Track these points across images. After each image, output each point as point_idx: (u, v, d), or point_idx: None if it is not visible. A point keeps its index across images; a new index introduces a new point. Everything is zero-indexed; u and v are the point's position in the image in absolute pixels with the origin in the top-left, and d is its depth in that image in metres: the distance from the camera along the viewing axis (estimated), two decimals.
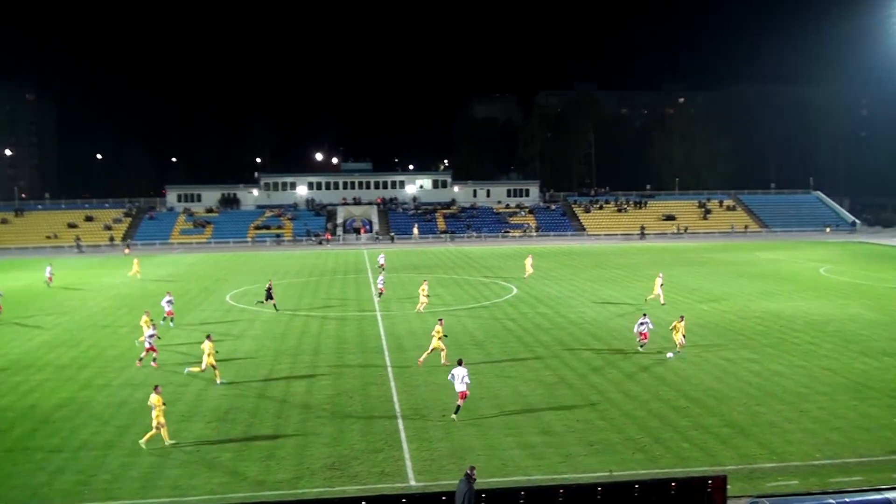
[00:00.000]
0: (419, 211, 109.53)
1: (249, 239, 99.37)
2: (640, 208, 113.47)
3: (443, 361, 31.36)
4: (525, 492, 17.59)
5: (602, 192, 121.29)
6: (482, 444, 22.77)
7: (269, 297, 45.44)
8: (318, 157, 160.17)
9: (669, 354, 33.08)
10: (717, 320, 41.63)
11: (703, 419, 25.05)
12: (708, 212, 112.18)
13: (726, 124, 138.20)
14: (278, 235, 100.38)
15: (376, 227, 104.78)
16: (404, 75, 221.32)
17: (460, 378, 24.91)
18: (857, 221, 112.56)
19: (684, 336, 34.02)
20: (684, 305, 46.24)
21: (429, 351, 31.85)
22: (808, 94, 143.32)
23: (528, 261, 60.89)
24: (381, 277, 51.37)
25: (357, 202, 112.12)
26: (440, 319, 33.98)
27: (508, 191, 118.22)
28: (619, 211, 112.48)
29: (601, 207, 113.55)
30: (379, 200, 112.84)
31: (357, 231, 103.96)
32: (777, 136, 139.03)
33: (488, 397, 27.42)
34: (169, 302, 41.54)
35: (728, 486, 18.18)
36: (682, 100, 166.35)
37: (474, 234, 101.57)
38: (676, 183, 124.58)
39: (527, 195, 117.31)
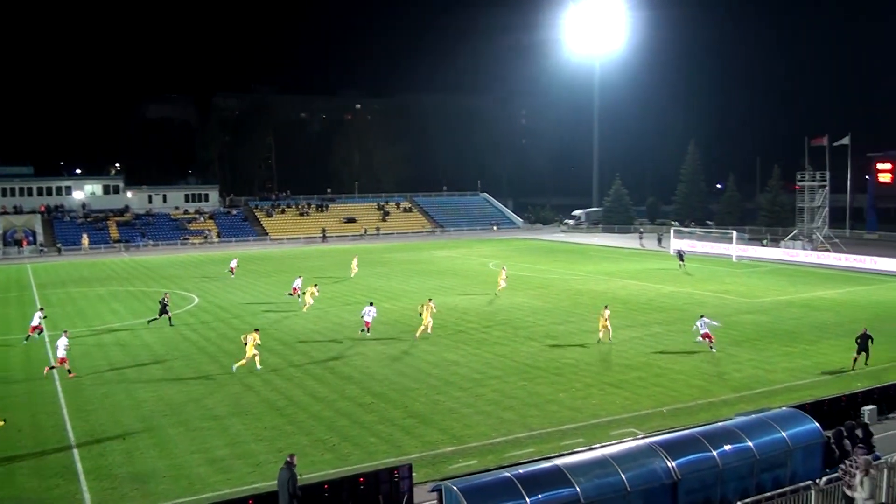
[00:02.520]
0: (89, 219, 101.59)
1: None
2: (322, 211, 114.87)
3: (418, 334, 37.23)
4: None
5: (284, 196, 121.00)
6: (166, 465, 21.66)
7: (164, 311, 42.04)
8: None
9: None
10: (398, 317, 43.34)
11: (388, 412, 25.96)
12: (386, 213, 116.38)
13: (401, 130, 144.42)
14: None
15: (41, 238, 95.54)
16: (67, 70, 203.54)
17: (369, 314, 38.67)
18: (522, 220, 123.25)
19: (607, 326, 36.08)
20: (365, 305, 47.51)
21: (423, 327, 37.25)
22: (475, 103, 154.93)
23: (354, 261, 63.11)
24: (299, 280, 50.80)
25: (18, 211, 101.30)
26: (430, 299, 40.18)
27: (187, 196, 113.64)
28: (302, 215, 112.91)
29: (283, 211, 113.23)
30: (42, 208, 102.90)
31: (18, 243, 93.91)
32: (448, 142, 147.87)
33: (171, 414, 26.19)
34: (41, 317, 40.06)
35: (414, 474, 19.03)
36: (358, 105, 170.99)
37: (151, 242, 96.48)
38: (356, 186, 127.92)
39: (206, 200, 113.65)
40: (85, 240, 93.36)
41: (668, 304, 47.03)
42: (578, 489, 15.68)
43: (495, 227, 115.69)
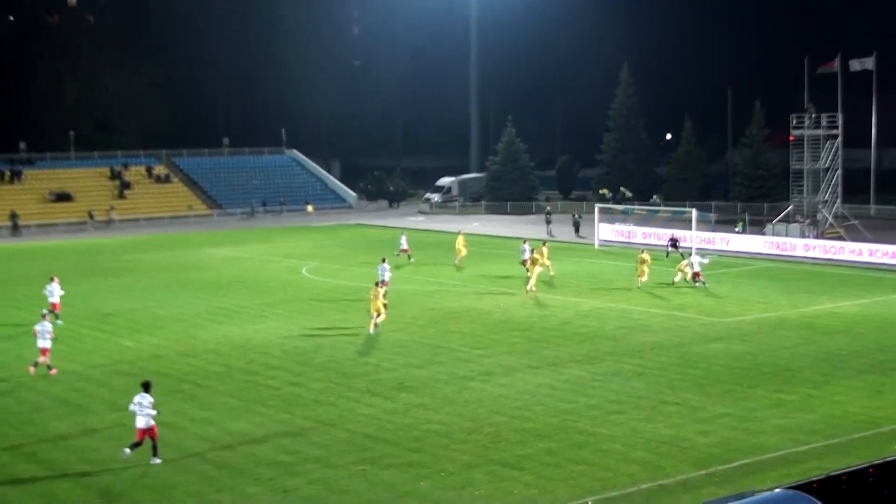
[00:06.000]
0: None
1: None
2: (13, 182, 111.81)
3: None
4: None
5: None
6: None
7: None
8: None
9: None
10: (149, 363, 42.35)
11: None
12: (126, 186, 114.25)
13: (149, 46, 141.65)
14: None
15: None
16: None
17: (385, 272, 56.19)
18: (355, 196, 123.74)
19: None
20: (95, 342, 46.42)
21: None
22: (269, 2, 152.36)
23: (460, 241, 69.99)
24: (525, 245, 63.94)
25: None
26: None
27: None
28: None
29: None
30: None
31: None
32: (230, 67, 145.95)
33: None
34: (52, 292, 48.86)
35: None
36: (73, 2, 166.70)
37: None
38: (72, 139, 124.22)
39: None
40: None
41: (592, 329, 47.93)
42: None
43: (310, 208, 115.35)
